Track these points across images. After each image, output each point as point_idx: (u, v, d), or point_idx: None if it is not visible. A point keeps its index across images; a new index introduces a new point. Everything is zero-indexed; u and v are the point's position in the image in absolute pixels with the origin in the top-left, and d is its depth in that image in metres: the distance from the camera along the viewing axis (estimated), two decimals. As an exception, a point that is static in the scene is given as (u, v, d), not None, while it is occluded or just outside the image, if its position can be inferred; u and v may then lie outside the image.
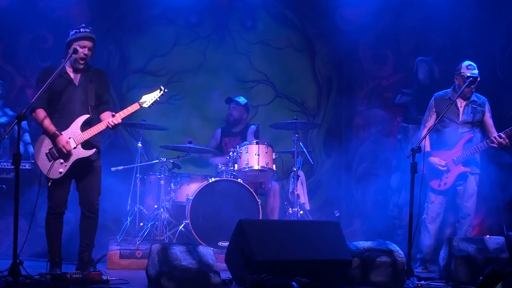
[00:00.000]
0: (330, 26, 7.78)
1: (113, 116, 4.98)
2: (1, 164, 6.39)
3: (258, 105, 7.73)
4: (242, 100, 7.15)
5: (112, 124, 4.97)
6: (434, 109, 6.09)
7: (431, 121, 6.07)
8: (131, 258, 5.84)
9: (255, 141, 6.49)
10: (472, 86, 5.90)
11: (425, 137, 5.35)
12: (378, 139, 7.79)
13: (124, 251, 5.89)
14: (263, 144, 6.50)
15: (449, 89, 6.13)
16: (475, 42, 7.43)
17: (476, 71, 5.86)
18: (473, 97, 6.03)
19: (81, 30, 5.02)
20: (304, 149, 6.81)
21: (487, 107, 6.06)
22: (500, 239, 5.25)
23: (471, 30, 7.34)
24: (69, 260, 5.28)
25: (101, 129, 5.01)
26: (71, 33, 5.04)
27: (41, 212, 5.05)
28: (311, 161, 6.98)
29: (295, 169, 6.65)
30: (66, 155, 4.94)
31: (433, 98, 6.17)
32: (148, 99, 5.11)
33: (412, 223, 4.99)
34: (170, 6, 7.53)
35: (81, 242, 5.12)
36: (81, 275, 4.60)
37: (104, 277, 4.71)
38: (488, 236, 5.47)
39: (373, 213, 7.54)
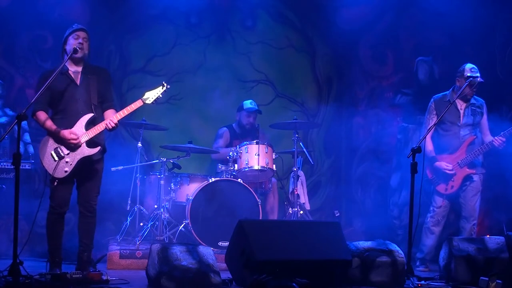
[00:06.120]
0: (330, 26, 7.77)
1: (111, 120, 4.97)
2: (1, 164, 6.39)
3: (258, 105, 7.71)
4: (255, 105, 7.06)
5: (110, 126, 4.96)
6: (435, 112, 6.10)
7: (433, 123, 6.08)
8: (131, 258, 5.84)
9: (255, 141, 6.49)
10: (474, 89, 5.94)
11: (425, 137, 5.34)
12: (378, 139, 7.78)
13: (124, 251, 5.89)
14: (263, 144, 6.49)
15: (447, 91, 6.14)
16: (475, 42, 7.42)
17: (478, 74, 5.90)
18: (472, 100, 6.05)
19: (74, 26, 5.11)
20: (304, 149, 6.81)
21: (484, 109, 6.10)
22: (500, 239, 5.25)
23: (471, 30, 7.34)
24: (69, 260, 5.29)
25: (104, 129, 5.01)
26: (66, 32, 5.10)
27: (41, 212, 5.05)
28: (311, 161, 6.97)
29: (295, 169, 6.65)
30: (73, 149, 4.91)
31: (432, 100, 6.18)
32: (151, 95, 5.11)
33: (412, 223, 4.98)
34: (170, 6, 7.52)
35: (80, 242, 5.11)
36: (81, 275, 4.60)
37: (104, 277, 4.70)
38: (488, 236, 5.47)
39: (373, 213, 7.54)
